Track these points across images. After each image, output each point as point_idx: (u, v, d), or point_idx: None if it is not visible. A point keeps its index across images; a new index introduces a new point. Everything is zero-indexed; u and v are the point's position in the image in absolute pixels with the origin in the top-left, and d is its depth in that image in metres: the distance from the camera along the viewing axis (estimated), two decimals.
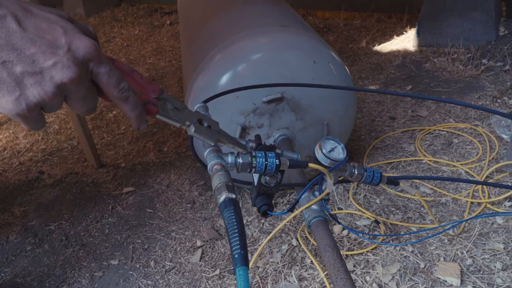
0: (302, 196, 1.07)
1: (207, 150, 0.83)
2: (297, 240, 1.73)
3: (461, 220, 1.67)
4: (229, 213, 0.69)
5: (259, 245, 1.75)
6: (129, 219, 2.00)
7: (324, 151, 0.96)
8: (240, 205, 1.96)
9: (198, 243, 1.80)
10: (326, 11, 4.25)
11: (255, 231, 1.83)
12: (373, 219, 1.78)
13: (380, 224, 1.75)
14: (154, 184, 2.21)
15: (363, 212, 1.83)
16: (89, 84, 0.53)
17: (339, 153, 0.98)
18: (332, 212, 1.89)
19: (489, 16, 2.92)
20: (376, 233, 1.73)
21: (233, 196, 0.72)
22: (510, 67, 2.64)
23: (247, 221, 1.89)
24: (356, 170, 1.00)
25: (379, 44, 3.43)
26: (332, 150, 0.99)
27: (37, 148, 2.79)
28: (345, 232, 1.73)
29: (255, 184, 0.95)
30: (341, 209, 1.88)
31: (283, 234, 1.78)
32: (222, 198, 0.72)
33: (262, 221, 1.87)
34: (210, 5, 2.51)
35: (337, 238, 1.71)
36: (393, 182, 1.14)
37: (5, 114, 0.50)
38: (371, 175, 1.04)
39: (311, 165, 0.88)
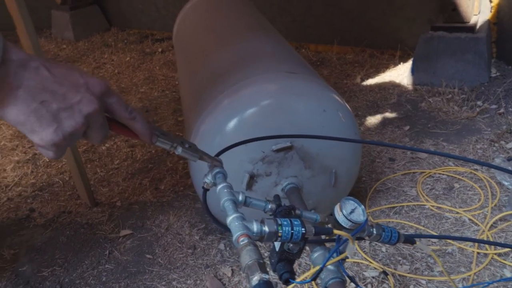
0: (317, 255, 1.04)
1: (231, 217, 0.80)
2: None
3: (480, 283, 1.64)
4: None
5: None
6: (128, 265, 1.92)
7: (344, 212, 0.94)
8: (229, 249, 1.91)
9: None
10: (319, 45, 4.30)
11: None
12: (381, 270, 1.75)
13: (388, 276, 1.72)
14: (152, 227, 2.14)
15: (370, 262, 1.80)
16: (104, 114, 0.65)
17: (359, 214, 0.96)
18: None
19: (481, 58, 2.99)
20: (385, 285, 1.70)
21: (267, 277, 0.70)
22: (505, 110, 2.69)
23: None
24: (374, 230, 0.99)
25: (373, 81, 3.47)
26: (352, 211, 0.97)
27: (26, 182, 2.68)
28: None
29: (276, 249, 0.92)
30: (347, 257, 1.85)
31: None
32: (255, 279, 0.69)
33: None
34: (212, 38, 2.49)
35: None
36: (410, 241, 1.12)
37: (41, 145, 0.59)
38: (389, 235, 1.02)
39: (336, 231, 0.87)
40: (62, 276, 1.90)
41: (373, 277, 1.73)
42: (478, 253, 1.80)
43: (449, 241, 1.87)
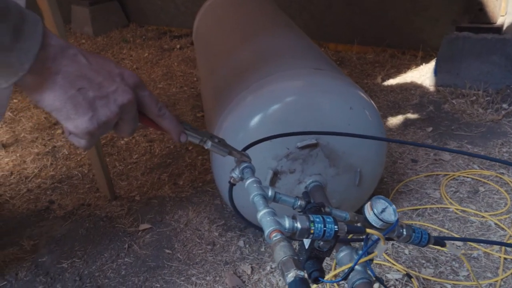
0: (343, 254, 1.01)
1: (262, 212, 0.79)
2: None
3: None
4: None
5: None
6: (147, 259, 1.91)
7: (375, 211, 0.91)
8: (248, 247, 1.89)
9: None
10: (339, 44, 4.25)
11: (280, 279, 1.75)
12: (404, 272, 1.72)
13: (412, 279, 1.68)
14: (171, 222, 2.12)
15: (393, 264, 1.77)
16: (136, 106, 0.64)
17: (391, 214, 0.93)
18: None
19: (508, 60, 2.92)
20: None
21: (302, 273, 0.68)
22: None
23: (271, 268, 1.81)
24: (404, 231, 0.96)
25: (394, 81, 3.42)
26: (383, 210, 0.94)
27: (45, 174, 2.70)
28: None
29: (306, 247, 0.90)
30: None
31: None
32: (291, 276, 0.67)
33: None
34: (234, 34, 2.47)
35: None
36: (440, 243, 1.09)
37: (75, 132, 0.59)
38: (419, 236, 1.00)
39: (369, 231, 0.85)
40: (82, 268, 1.90)
41: (396, 280, 1.70)
42: (505, 258, 1.75)
43: (475, 245, 1.82)
